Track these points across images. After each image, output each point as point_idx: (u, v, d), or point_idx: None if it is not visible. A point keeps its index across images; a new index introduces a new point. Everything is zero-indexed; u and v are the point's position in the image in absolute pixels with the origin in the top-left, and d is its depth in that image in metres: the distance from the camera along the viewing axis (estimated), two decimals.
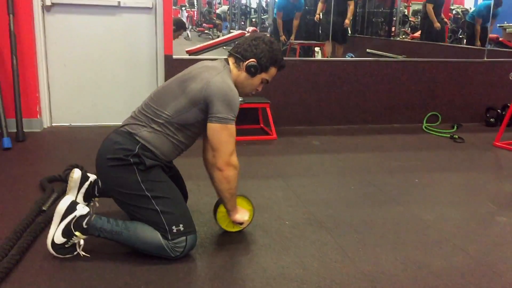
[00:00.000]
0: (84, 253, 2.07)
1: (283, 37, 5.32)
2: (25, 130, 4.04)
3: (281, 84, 4.65)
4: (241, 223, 2.33)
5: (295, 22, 5.35)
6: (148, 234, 2.06)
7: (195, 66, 2.21)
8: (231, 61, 2.22)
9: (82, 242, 2.07)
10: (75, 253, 2.08)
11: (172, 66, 4.38)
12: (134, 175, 2.05)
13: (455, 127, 4.94)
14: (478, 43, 5.68)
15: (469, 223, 2.63)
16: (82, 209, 2.07)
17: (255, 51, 2.17)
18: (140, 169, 2.05)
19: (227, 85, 2.08)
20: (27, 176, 3.11)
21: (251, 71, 2.18)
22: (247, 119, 4.63)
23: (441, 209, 2.80)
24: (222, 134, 2.05)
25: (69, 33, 4.38)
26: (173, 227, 2.05)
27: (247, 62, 2.18)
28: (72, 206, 2.06)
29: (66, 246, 2.04)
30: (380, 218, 2.64)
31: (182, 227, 2.06)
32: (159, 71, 4.52)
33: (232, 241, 2.32)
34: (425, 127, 4.90)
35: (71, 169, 2.97)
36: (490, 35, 5.54)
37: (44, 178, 2.96)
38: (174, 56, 4.38)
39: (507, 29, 5.95)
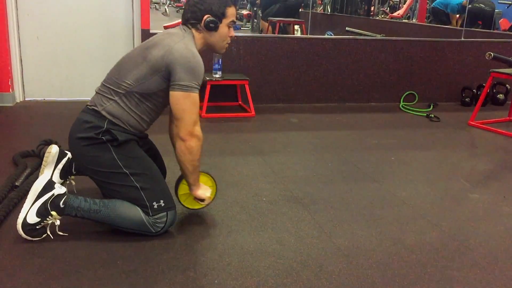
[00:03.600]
0: (61, 233, 2.03)
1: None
2: None
3: (259, 61, 4.61)
4: (202, 200, 2.20)
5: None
6: (128, 210, 2.03)
7: (158, 34, 2.12)
8: (190, 28, 2.12)
9: (57, 222, 2.00)
10: (43, 236, 2.01)
11: None
12: (109, 153, 2.00)
13: (431, 106, 4.99)
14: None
15: (443, 200, 2.68)
16: (59, 188, 2.01)
17: (203, 7, 2.07)
18: (114, 145, 2.01)
19: (190, 51, 1.99)
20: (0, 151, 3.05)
21: (212, 27, 2.09)
22: (225, 96, 4.60)
23: (416, 186, 2.84)
24: (185, 102, 1.96)
25: (42, 5, 4.25)
26: (154, 203, 2.03)
27: (203, 21, 2.08)
28: (50, 185, 1.99)
29: (37, 227, 1.97)
30: (357, 194, 2.67)
31: (163, 202, 2.04)
32: (136, 46, 4.43)
33: (210, 217, 2.32)
34: (402, 106, 4.94)
35: (44, 145, 2.93)
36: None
37: (17, 153, 2.89)
38: (151, 31, 4.29)
39: None
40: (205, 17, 2.07)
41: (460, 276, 1.91)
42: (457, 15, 5.71)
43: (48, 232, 2.01)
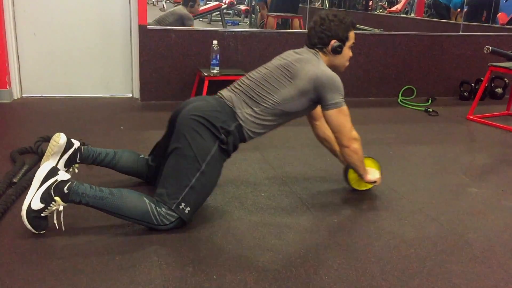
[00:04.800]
0: (61, 222, 2.00)
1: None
2: None
3: (257, 56, 4.60)
4: (374, 182, 2.52)
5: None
6: (135, 199, 2.04)
7: (292, 57, 2.32)
8: (318, 51, 2.34)
9: (61, 208, 1.98)
10: (43, 231, 2.01)
11: (147, 36, 4.28)
12: (211, 144, 2.10)
13: (430, 100, 4.99)
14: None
15: (442, 194, 2.68)
16: (63, 174, 2.01)
17: (330, 33, 2.31)
18: (220, 145, 2.12)
19: (331, 73, 2.25)
20: None
21: (338, 51, 2.34)
22: None
23: (414, 180, 2.84)
24: (340, 116, 2.26)
25: (39, 1, 4.23)
26: (183, 204, 2.05)
27: (330, 46, 2.32)
28: (53, 171, 2.00)
29: (41, 215, 1.96)
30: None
31: (188, 211, 2.07)
32: (133, 41, 4.42)
33: (208, 213, 2.31)
34: (401, 101, 4.94)
35: (42, 141, 2.92)
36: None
37: (14, 150, 2.89)
38: (148, 27, 4.28)
39: None
40: (332, 42, 2.32)
41: (458, 270, 1.92)
42: (458, 9, 5.69)
43: (55, 222, 1.99)
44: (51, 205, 1.96)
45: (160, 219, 2.04)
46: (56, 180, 1.98)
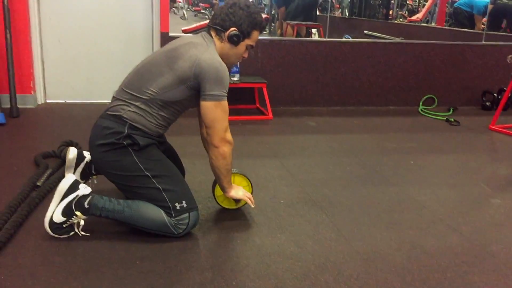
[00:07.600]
0: (83, 233, 2.05)
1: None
2: (19, 106, 4.00)
3: (278, 64, 4.62)
4: (238, 200, 2.30)
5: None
6: (151, 211, 2.05)
7: (180, 42, 2.13)
8: (213, 33, 2.14)
9: (82, 222, 2.03)
10: (71, 233, 2.05)
11: None
12: (130, 157, 2.02)
13: (451, 110, 4.93)
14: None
15: (463, 204, 2.64)
16: (84, 189, 2.04)
17: (234, 19, 2.09)
18: (135, 149, 2.03)
19: (217, 61, 2.03)
20: (21, 151, 3.09)
21: (234, 40, 2.11)
22: (243, 99, 4.61)
23: (435, 190, 2.81)
24: (216, 111, 2.02)
25: (64, 8, 4.32)
26: (176, 204, 2.04)
27: (228, 32, 2.10)
28: (75, 185, 2.02)
29: (63, 226, 2.01)
30: (375, 198, 2.65)
31: (185, 203, 2.06)
32: (155, 48, 4.47)
33: (227, 219, 2.32)
34: (421, 110, 4.90)
35: (66, 146, 2.97)
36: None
37: (38, 154, 2.94)
38: (170, 34, 4.33)
39: None
40: (232, 29, 2.10)
41: (481, 282, 1.89)
42: (484, 18, 5.61)
43: (76, 230, 2.04)
44: (72, 218, 2.01)
45: (177, 227, 2.06)
46: (77, 195, 2.01)
